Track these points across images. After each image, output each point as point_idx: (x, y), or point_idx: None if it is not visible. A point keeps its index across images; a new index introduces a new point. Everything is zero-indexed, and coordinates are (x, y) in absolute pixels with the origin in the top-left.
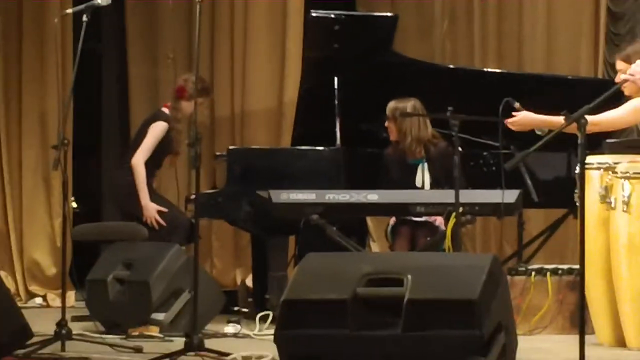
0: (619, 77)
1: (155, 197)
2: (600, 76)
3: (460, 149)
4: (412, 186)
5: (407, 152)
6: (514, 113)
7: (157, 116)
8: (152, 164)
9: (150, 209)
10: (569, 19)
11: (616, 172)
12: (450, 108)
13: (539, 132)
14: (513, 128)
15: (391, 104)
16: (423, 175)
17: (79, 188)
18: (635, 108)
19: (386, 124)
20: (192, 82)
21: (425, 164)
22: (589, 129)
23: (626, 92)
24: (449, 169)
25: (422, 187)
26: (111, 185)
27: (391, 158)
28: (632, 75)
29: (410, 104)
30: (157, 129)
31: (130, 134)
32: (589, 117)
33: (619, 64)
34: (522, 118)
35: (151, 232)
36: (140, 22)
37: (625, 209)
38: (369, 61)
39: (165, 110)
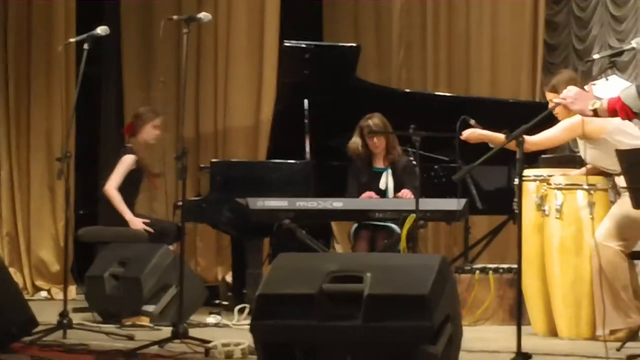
0: (552, 102)
1: (139, 217)
2: (537, 100)
3: (413, 161)
4: (377, 190)
5: (377, 161)
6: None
7: (125, 151)
8: (130, 195)
9: (136, 222)
10: (511, 50)
11: (550, 184)
12: (412, 126)
13: (492, 146)
14: (469, 141)
15: (376, 120)
16: (387, 181)
17: (80, 195)
18: (566, 127)
19: (374, 139)
20: (137, 117)
21: (389, 171)
22: (530, 148)
23: (559, 117)
24: (408, 180)
25: (385, 191)
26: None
27: (361, 165)
28: (563, 99)
29: (374, 119)
30: (125, 161)
31: None
32: (530, 138)
33: (548, 95)
34: (472, 133)
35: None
36: (134, 50)
37: (558, 216)
38: (335, 86)
39: (129, 145)
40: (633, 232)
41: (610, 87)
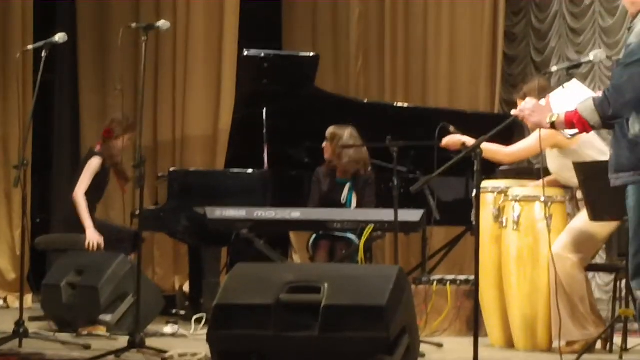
0: (514, 112)
1: (98, 222)
2: (496, 111)
3: (373, 176)
4: (338, 201)
5: (339, 171)
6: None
7: (92, 154)
8: (93, 197)
9: (93, 237)
10: (469, 60)
11: (508, 195)
12: (389, 137)
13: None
14: (448, 147)
15: (331, 129)
16: (348, 193)
17: (35, 202)
18: (542, 137)
19: (324, 144)
20: (117, 123)
21: (349, 184)
22: (505, 160)
23: (530, 127)
24: (368, 193)
25: (346, 203)
26: (61, 210)
27: (323, 174)
28: (521, 111)
29: (347, 131)
30: (92, 164)
31: (81, 155)
32: (506, 149)
33: (519, 102)
34: (451, 139)
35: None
36: (90, 55)
37: (515, 228)
38: (294, 95)
39: (97, 148)
40: (590, 246)
41: (569, 95)
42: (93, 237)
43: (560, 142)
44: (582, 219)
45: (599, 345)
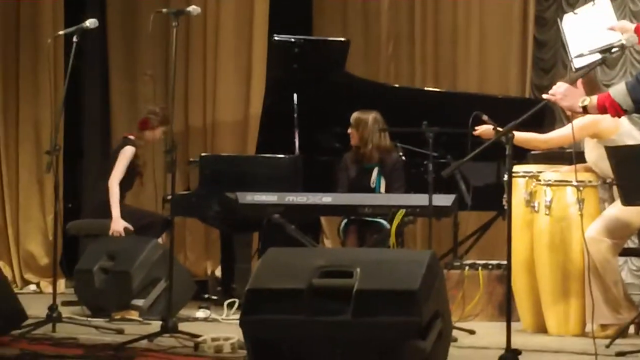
0: (545, 96)
1: (127, 209)
2: (527, 96)
3: (404, 157)
4: (367, 186)
5: (365, 156)
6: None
7: (126, 142)
8: (125, 186)
9: (119, 224)
10: (500, 45)
11: (540, 180)
12: (425, 122)
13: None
14: (482, 137)
15: (355, 114)
16: (378, 178)
17: (66, 188)
18: (579, 126)
19: (349, 130)
20: (154, 115)
21: (377, 169)
22: (541, 146)
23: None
24: (397, 177)
25: (375, 188)
26: (92, 196)
27: (350, 160)
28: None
29: (372, 116)
30: (127, 153)
31: (111, 142)
32: (541, 136)
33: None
34: (486, 130)
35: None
36: (120, 42)
37: (547, 212)
38: (324, 80)
39: (131, 137)
40: (624, 233)
41: (596, 15)
42: (117, 228)
43: (600, 132)
44: (617, 207)
45: (631, 329)
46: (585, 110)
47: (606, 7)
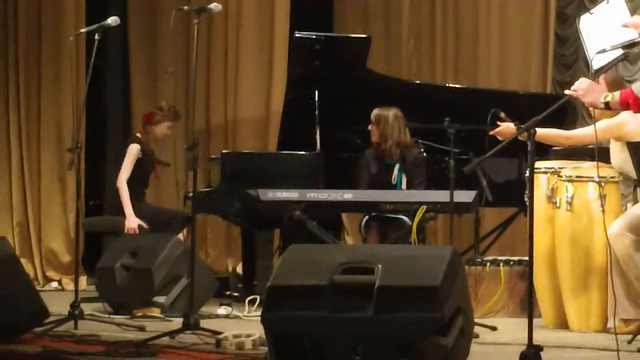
0: (567, 92)
1: (145, 207)
2: (548, 92)
3: (425, 154)
4: (388, 182)
5: (386, 153)
6: (498, 122)
7: (132, 140)
8: (139, 183)
9: (133, 221)
10: (521, 42)
11: (561, 176)
12: (447, 119)
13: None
14: (500, 136)
15: (375, 111)
16: (399, 174)
17: (88, 186)
18: (604, 128)
19: (370, 127)
20: (159, 109)
21: (398, 165)
22: (563, 142)
23: (596, 115)
24: (418, 173)
25: (397, 184)
26: (111, 194)
27: (371, 157)
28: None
29: (392, 112)
30: (131, 151)
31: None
32: (565, 132)
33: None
34: (504, 128)
35: (151, 225)
36: (141, 40)
37: (568, 208)
38: (345, 77)
39: (138, 134)
40: None
41: (611, 13)
42: (131, 225)
43: (625, 135)
44: None
45: None
46: (608, 106)
47: (620, 5)
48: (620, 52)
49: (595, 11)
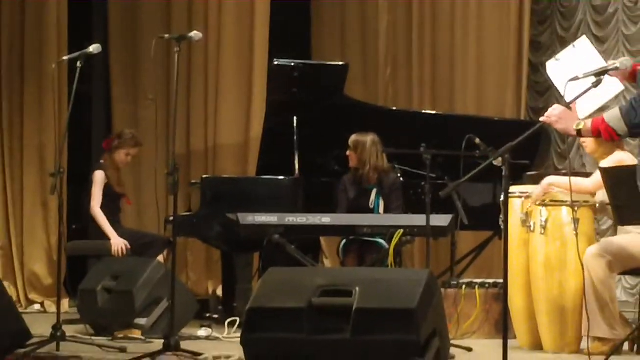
0: (542, 119)
1: (124, 231)
2: (522, 118)
3: (401, 178)
4: (366, 206)
5: (364, 177)
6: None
7: (96, 167)
8: (111, 209)
9: (119, 242)
10: (496, 69)
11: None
12: (423, 144)
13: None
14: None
15: (353, 137)
16: (376, 198)
17: (71, 210)
18: (599, 181)
19: (348, 152)
20: (117, 136)
21: (376, 189)
22: (588, 190)
23: (587, 150)
24: (395, 197)
25: (374, 208)
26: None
27: (349, 182)
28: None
29: (370, 138)
30: (97, 178)
31: None
32: (587, 182)
33: None
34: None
35: (131, 249)
36: (123, 67)
37: (542, 232)
38: (323, 103)
39: (102, 161)
40: (623, 257)
41: (579, 55)
42: (118, 243)
43: None
44: (622, 237)
45: (626, 346)
46: (580, 133)
47: (587, 47)
48: (592, 79)
49: (561, 57)
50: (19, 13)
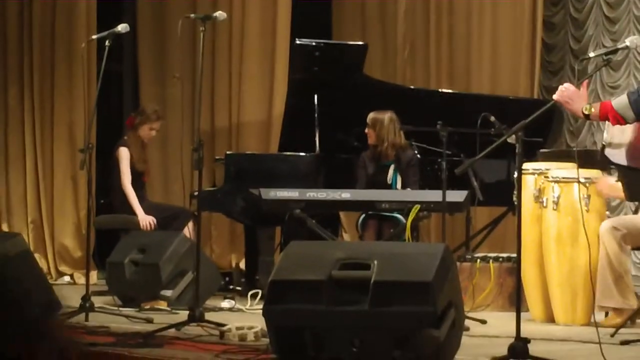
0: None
1: (149, 204)
2: (536, 97)
3: (418, 156)
4: (384, 182)
5: (382, 154)
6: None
7: (119, 144)
8: (134, 184)
9: (146, 218)
10: (510, 49)
11: (548, 177)
12: (439, 122)
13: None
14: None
15: (371, 115)
16: (394, 174)
17: (100, 185)
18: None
19: (366, 130)
20: (139, 114)
21: (393, 165)
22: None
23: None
24: (412, 172)
25: (392, 184)
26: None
27: (368, 158)
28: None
29: (387, 115)
30: (122, 155)
31: None
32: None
33: None
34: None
35: (157, 220)
36: (150, 47)
37: (555, 208)
38: (343, 82)
39: (125, 138)
40: (637, 236)
41: None
42: (145, 219)
43: None
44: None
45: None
46: (588, 117)
47: None
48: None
49: None
50: None
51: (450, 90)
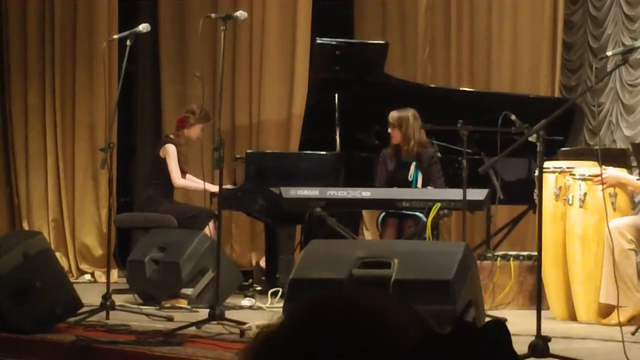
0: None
1: (173, 205)
2: (556, 96)
3: (439, 154)
4: (404, 179)
5: (404, 152)
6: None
7: (165, 141)
8: (169, 183)
9: (213, 187)
10: (530, 48)
11: (574, 174)
12: (460, 121)
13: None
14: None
15: (395, 114)
16: (414, 172)
17: (120, 184)
18: None
19: (390, 130)
20: (191, 113)
21: (414, 163)
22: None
23: None
24: (436, 169)
25: (412, 182)
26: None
27: (388, 155)
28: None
29: (410, 113)
30: (170, 152)
31: None
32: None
33: None
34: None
35: (178, 221)
36: (171, 46)
37: (581, 205)
38: (364, 81)
39: (171, 136)
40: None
41: None
42: (214, 190)
43: None
44: None
45: None
46: None
47: None
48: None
49: None
50: None
51: (470, 89)
